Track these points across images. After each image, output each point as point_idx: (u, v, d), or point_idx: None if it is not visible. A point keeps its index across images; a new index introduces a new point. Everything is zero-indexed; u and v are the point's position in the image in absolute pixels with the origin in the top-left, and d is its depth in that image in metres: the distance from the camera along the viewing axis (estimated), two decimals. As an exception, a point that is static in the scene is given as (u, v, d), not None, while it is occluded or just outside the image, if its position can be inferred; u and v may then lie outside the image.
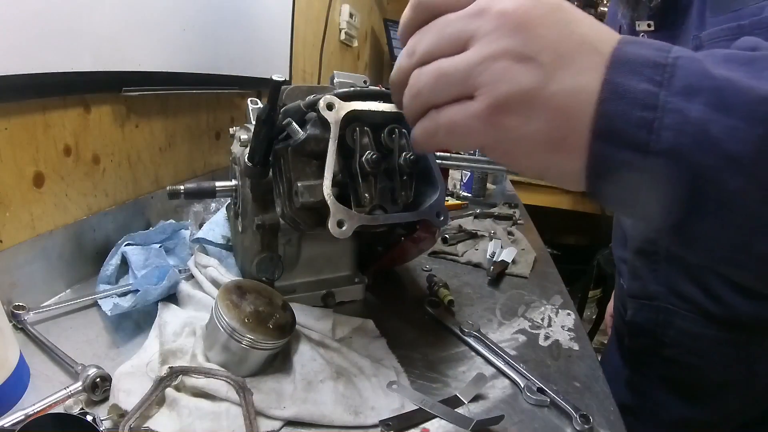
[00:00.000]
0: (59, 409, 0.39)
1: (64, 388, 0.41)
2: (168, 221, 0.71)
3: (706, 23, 0.57)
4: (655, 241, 0.72)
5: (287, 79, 1.22)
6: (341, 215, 0.43)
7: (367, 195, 0.47)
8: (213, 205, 0.77)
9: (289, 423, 0.41)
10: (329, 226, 0.43)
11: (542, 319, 0.64)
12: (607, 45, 0.26)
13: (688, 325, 0.70)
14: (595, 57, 0.25)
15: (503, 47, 0.26)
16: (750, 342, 0.66)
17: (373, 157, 0.46)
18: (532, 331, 0.61)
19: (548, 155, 0.27)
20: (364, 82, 0.60)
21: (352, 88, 0.49)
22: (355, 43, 1.93)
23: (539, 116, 0.26)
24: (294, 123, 0.47)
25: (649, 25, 0.64)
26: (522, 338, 0.59)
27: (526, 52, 0.26)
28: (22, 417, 0.37)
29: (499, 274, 0.75)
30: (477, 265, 0.80)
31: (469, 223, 0.98)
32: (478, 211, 1.08)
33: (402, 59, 0.31)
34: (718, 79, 0.24)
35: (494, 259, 0.77)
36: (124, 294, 0.57)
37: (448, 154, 1.12)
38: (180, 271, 0.61)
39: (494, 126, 0.27)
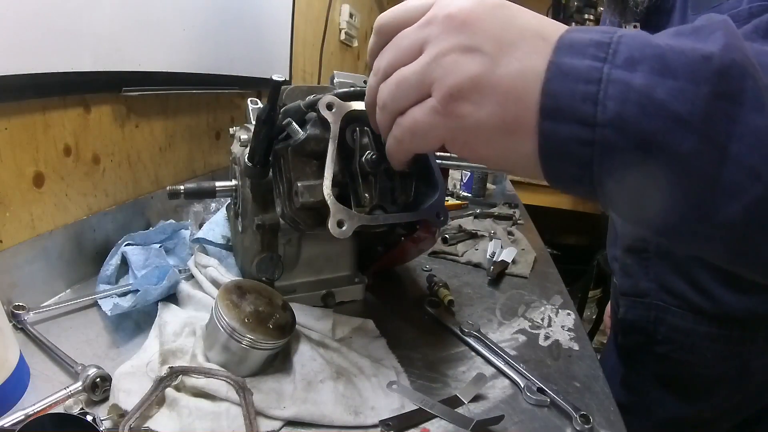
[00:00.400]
0: (59, 409, 0.39)
1: (64, 388, 0.41)
2: (168, 221, 0.71)
3: (688, 21, 0.57)
4: (645, 238, 0.72)
5: (287, 79, 1.22)
6: (341, 215, 0.43)
7: (367, 195, 0.47)
8: (213, 205, 0.77)
9: (289, 423, 0.41)
10: (329, 226, 0.43)
11: (542, 319, 0.64)
12: (554, 33, 0.27)
13: (679, 322, 0.70)
14: (540, 42, 0.26)
15: (451, 44, 0.28)
16: (743, 338, 0.66)
17: (373, 157, 0.46)
18: (532, 331, 0.61)
19: (503, 140, 0.28)
20: (364, 82, 0.60)
21: (352, 88, 0.49)
22: (355, 43, 1.93)
23: (489, 100, 0.27)
24: (294, 123, 0.47)
25: (635, 26, 0.65)
26: (522, 338, 0.59)
27: (472, 45, 0.27)
28: (22, 417, 0.37)
29: (499, 274, 0.75)
30: (477, 265, 0.80)
31: (469, 223, 0.98)
32: (478, 211, 1.08)
33: (370, 80, 0.34)
34: (661, 47, 0.24)
35: (494, 259, 0.77)
36: (124, 294, 0.57)
37: (448, 154, 1.12)
38: (180, 271, 0.61)
39: (450, 116, 0.29)
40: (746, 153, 0.23)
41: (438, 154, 0.59)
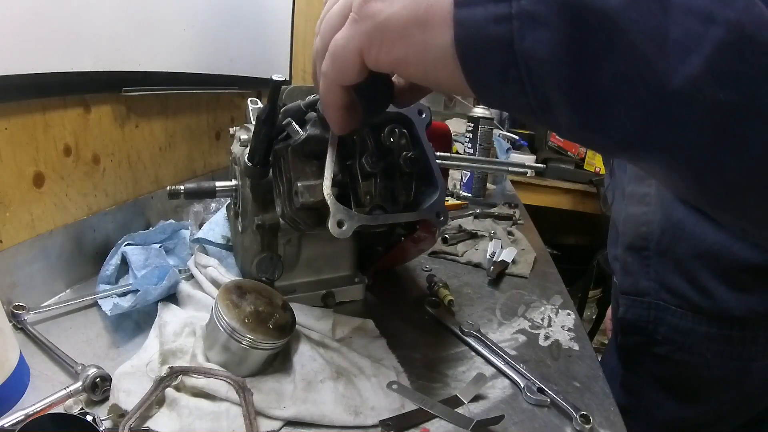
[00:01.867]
0: (59, 409, 0.39)
1: (64, 388, 0.41)
2: (168, 221, 0.71)
3: None
4: (646, 235, 0.72)
5: (287, 79, 1.22)
6: (341, 215, 0.43)
7: (367, 195, 0.47)
8: (213, 205, 0.77)
9: (289, 423, 0.41)
10: (329, 226, 0.43)
11: (542, 319, 0.64)
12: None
13: (679, 322, 0.69)
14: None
15: None
16: (743, 338, 0.66)
17: (373, 157, 0.46)
18: (532, 331, 0.61)
19: (418, 33, 0.27)
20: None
21: (352, 88, 0.49)
22: (355, 43, 1.93)
23: None
24: (294, 123, 0.47)
25: None
26: (522, 338, 0.59)
27: None
28: (22, 417, 0.37)
29: (499, 274, 0.75)
30: (477, 265, 0.80)
31: (469, 223, 0.98)
32: (478, 211, 1.08)
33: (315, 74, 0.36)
34: None
35: (494, 259, 0.77)
36: (124, 294, 0.57)
37: (448, 154, 1.12)
38: (180, 271, 0.61)
39: (364, 19, 0.28)
40: None
41: (438, 154, 0.59)
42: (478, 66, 0.25)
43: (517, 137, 2.03)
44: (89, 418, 0.36)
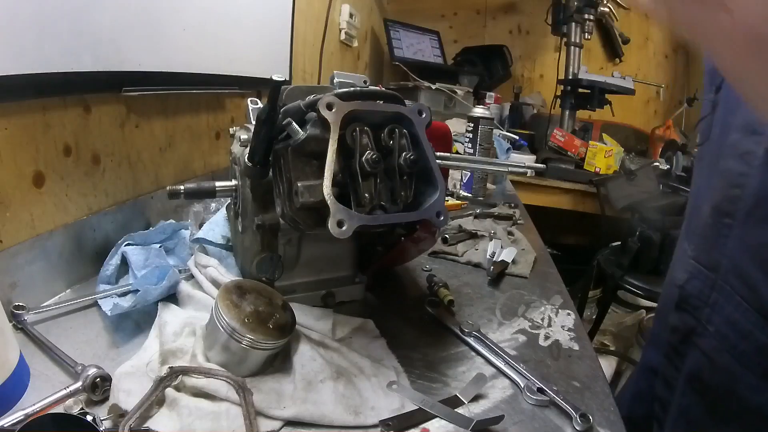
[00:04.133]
0: (59, 409, 0.39)
1: (64, 388, 0.41)
2: (168, 221, 0.71)
3: None
4: (735, 200, 0.59)
5: (287, 79, 1.22)
6: (341, 215, 0.43)
7: (367, 195, 0.47)
8: (213, 205, 0.77)
9: (289, 423, 0.41)
10: (329, 226, 0.43)
11: (542, 319, 0.64)
12: None
13: (739, 317, 0.58)
14: None
15: None
16: None
17: (373, 157, 0.46)
18: (532, 331, 0.61)
19: None
20: (364, 82, 0.60)
21: (352, 88, 0.49)
22: (355, 43, 1.93)
23: None
24: (294, 123, 0.47)
25: None
26: (522, 338, 0.59)
27: None
28: (22, 417, 0.37)
29: (499, 274, 0.75)
30: (477, 265, 0.80)
31: (469, 223, 0.98)
32: (478, 211, 1.08)
33: None
34: None
35: (494, 259, 0.77)
36: (124, 294, 0.57)
37: (448, 154, 1.12)
38: (180, 271, 0.61)
39: None
40: None
41: (438, 154, 0.59)
42: None
43: (517, 137, 2.03)
44: (89, 418, 0.36)
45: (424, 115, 0.51)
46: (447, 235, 0.87)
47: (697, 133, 0.76)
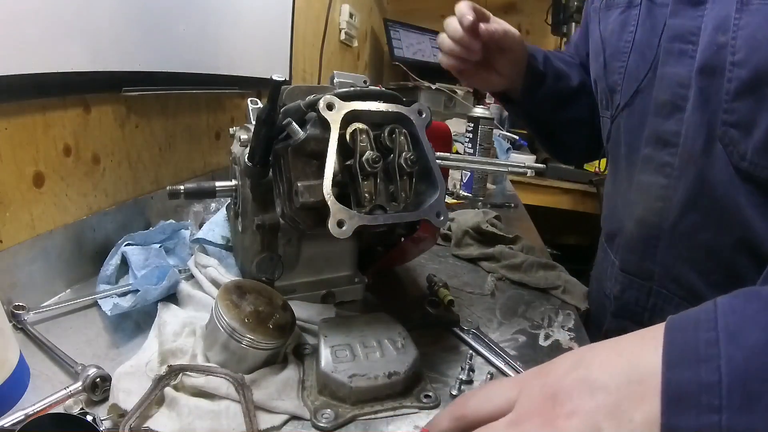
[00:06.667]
0: (59, 409, 0.39)
1: (64, 388, 0.41)
2: (168, 221, 0.71)
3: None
4: (661, 212, 0.61)
5: (287, 79, 1.22)
6: (341, 215, 0.43)
7: (367, 195, 0.47)
8: (213, 205, 0.77)
9: (291, 419, 0.41)
10: (329, 226, 0.43)
11: (542, 319, 0.63)
12: (652, 379, 0.27)
13: None
14: (646, 406, 0.26)
15: None
16: None
17: (373, 157, 0.46)
18: (532, 331, 0.60)
19: None
20: (364, 82, 0.60)
21: (352, 88, 0.49)
22: (355, 43, 1.93)
23: None
24: (294, 123, 0.47)
25: None
26: (522, 338, 0.59)
27: None
28: (22, 417, 0.37)
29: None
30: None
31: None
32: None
33: None
34: None
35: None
36: (124, 294, 0.57)
37: (448, 154, 1.12)
38: (180, 271, 0.61)
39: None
40: None
41: (438, 154, 0.59)
42: None
43: (517, 137, 2.03)
44: (89, 418, 0.36)
45: (424, 115, 0.51)
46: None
47: (606, 150, 0.76)
